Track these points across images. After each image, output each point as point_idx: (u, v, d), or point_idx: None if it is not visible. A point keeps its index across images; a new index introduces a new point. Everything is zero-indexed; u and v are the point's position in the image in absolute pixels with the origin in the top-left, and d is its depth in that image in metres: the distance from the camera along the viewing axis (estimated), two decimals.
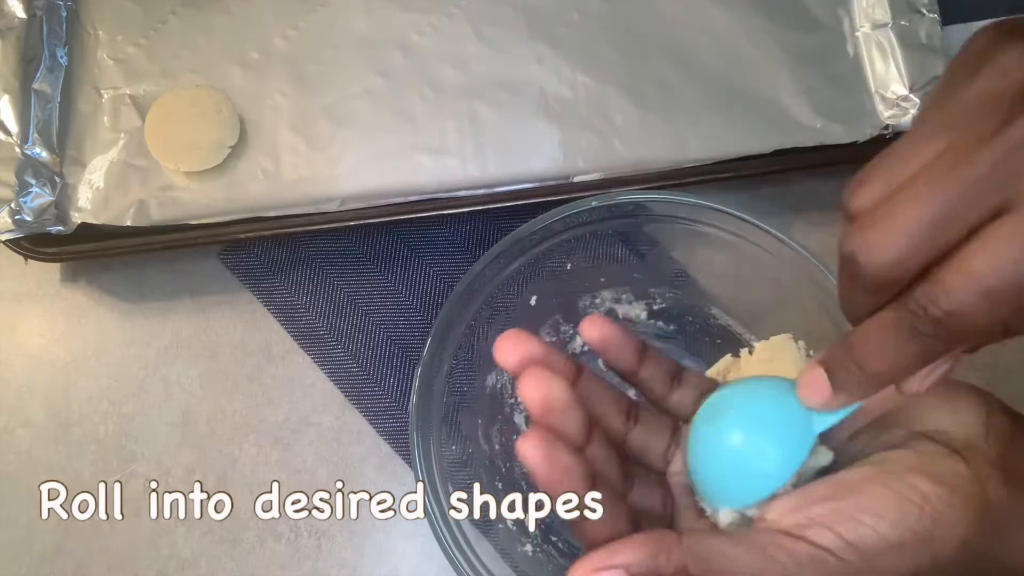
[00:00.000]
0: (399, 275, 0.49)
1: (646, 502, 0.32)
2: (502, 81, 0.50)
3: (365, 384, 0.48)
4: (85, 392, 0.49)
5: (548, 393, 0.28)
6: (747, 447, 0.28)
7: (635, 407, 0.33)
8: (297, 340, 0.49)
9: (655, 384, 0.33)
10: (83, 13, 0.51)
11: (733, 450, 0.28)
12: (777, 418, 0.28)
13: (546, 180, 0.48)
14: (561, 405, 0.28)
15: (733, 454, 0.28)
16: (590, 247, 0.44)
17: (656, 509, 0.32)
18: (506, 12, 0.51)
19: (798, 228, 0.49)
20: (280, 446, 0.48)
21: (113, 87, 0.50)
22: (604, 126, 0.49)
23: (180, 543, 0.46)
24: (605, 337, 0.32)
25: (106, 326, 0.50)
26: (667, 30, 0.50)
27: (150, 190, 0.48)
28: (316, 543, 0.46)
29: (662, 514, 0.32)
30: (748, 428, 0.28)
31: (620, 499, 0.30)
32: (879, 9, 0.49)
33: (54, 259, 0.47)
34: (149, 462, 0.48)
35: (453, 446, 0.42)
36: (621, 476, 0.31)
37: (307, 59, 0.50)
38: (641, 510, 0.31)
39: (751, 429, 0.28)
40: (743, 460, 0.28)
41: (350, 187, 0.48)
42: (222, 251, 0.50)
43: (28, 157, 0.48)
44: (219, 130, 0.48)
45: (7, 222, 0.46)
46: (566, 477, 0.27)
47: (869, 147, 0.48)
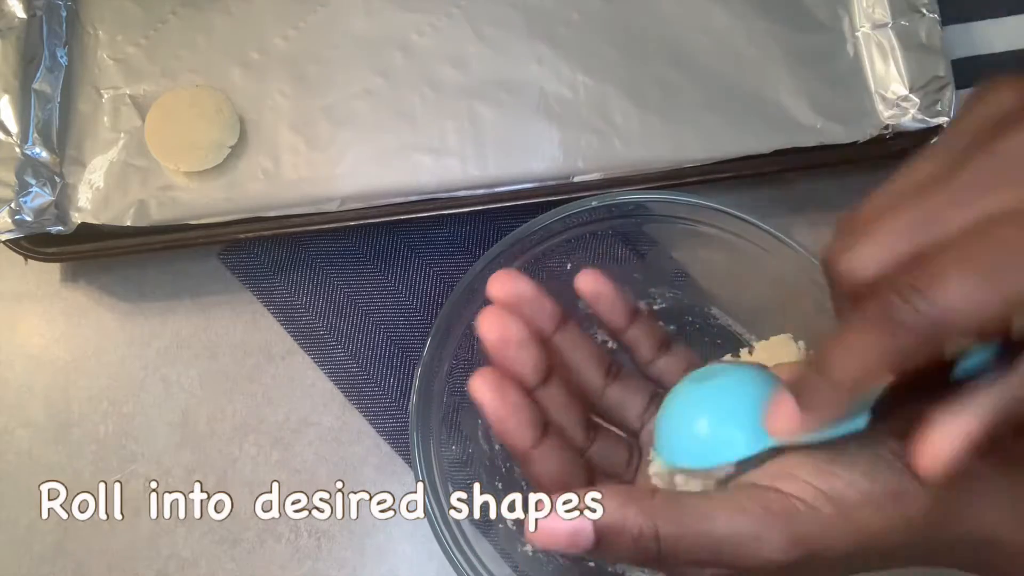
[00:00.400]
0: (399, 275, 0.49)
1: (609, 460, 0.32)
2: (502, 81, 0.50)
3: (365, 384, 0.48)
4: (85, 392, 0.49)
5: (504, 331, 0.28)
6: (719, 411, 0.28)
7: (617, 366, 0.33)
8: (297, 340, 0.49)
9: (642, 347, 0.34)
10: (83, 13, 0.51)
11: (705, 410, 0.28)
12: (752, 399, 0.27)
13: (546, 180, 0.48)
14: (516, 343, 0.29)
15: (705, 413, 0.28)
16: (590, 247, 0.44)
17: (618, 469, 0.32)
18: (506, 12, 0.51)
19: (798, 228, 0.49)
20: (280, 446, 0.48)
21: (113, 87, 0.50)
22: (604, 126, 0.49)
23: (180, 543, 0.46)
24: (598, 292, 0.33)
25: (106, 326, 0.50)
26: (667, 30, 0.50)
27: (150, 190, 0.48)
28: (316, 543, 0.46)
29: (623, 475, 0.32)
30: (726, 394, 0.28)
31: (576, 450, 0.30)
32: (879, 9, 0.50)
33: (54, 259, 0.47)
34: (149, 462, 0.48)
35: (453, 446, 0.42)
36: (583, 428, 0.32)
37: (307, 59, 0.50)
38: (602, 467, 0.31)
39: (728, 396, 0.28)
40: (713, 423, 0.28)
41: (350, 187, 0.48)
42: (222, 251, 0.50)
43: (28, 157, 0.48)
44: (219, 130, 0.48)
45: (7, 222, 0.46)
46: (515, 415, 0.27)
47: (869, 147, 0.48)
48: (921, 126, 0.47)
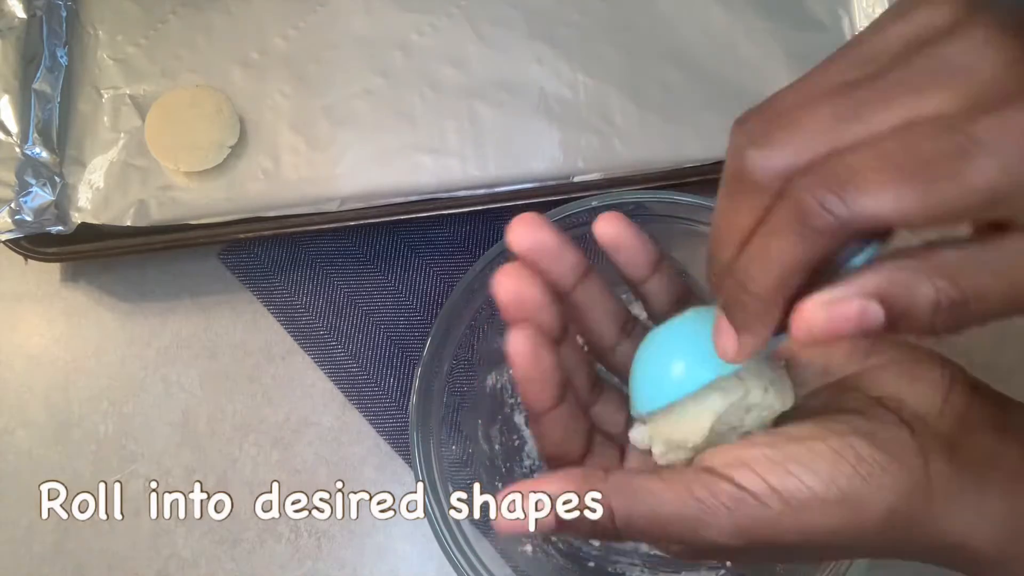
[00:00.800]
0: (399, 275, 0.49)
1: (608, 420, 0.31)
2: (502, 81, 0.50)
3: (365, 384, 0.48)
4: (85, 392, 0.49)
5: (520, 292, 0.27)
6: (664, 348, 0.28)
7: (634, 322, 0.32)
8: (297, 340, 0.49)
9: (658, 299, 0.31)
10: (83, 13, 0.51)
11: (655, 352, 0.28)
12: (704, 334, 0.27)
13: (546, 180, 0.48)
14: (534, 305, 0.27)
15: (654, 356, 0.28)
16: (590, 247, 0.44)
17: (615, 430, 0.31)
18: (506, 12, 0.51)
19: None
20: (280, 446, 0.48)
21: (113, 87, 0.50)
22: (604, 126, 0.49)
23: (180, 543, 0.46)
24: (620, 237, 0.30)
25: (106, 326, 0.50)
26: (667, 30, 0.50)
27: (150, 190, 0.48)
28: (316, 543, 0.46)
29: (619, 437, 0.31)
30: (676, 334, 0.28)
31: (584, 411, 0.29)
32: (879, 9, 0.49)
33: (54, 259, 0.47)
34: (149, 462, 0.48)
35: (453, 446, 0.42)
36: (589, 385, 0.31)
37: (307, 59, 0.50)
38: (600, 426, 0.31)
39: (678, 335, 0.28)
40: (662, 361, 0.28)
41: (350, 187, 0.48)
42: (222, 251, 0.50)
43: (28, 157, 0.48)
44: (219, 130, 0.48)
45: (7, 222, 0.46)
46: (546, 376, 0.26)
47: None
48: None
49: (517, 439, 0.46)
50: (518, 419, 0.46)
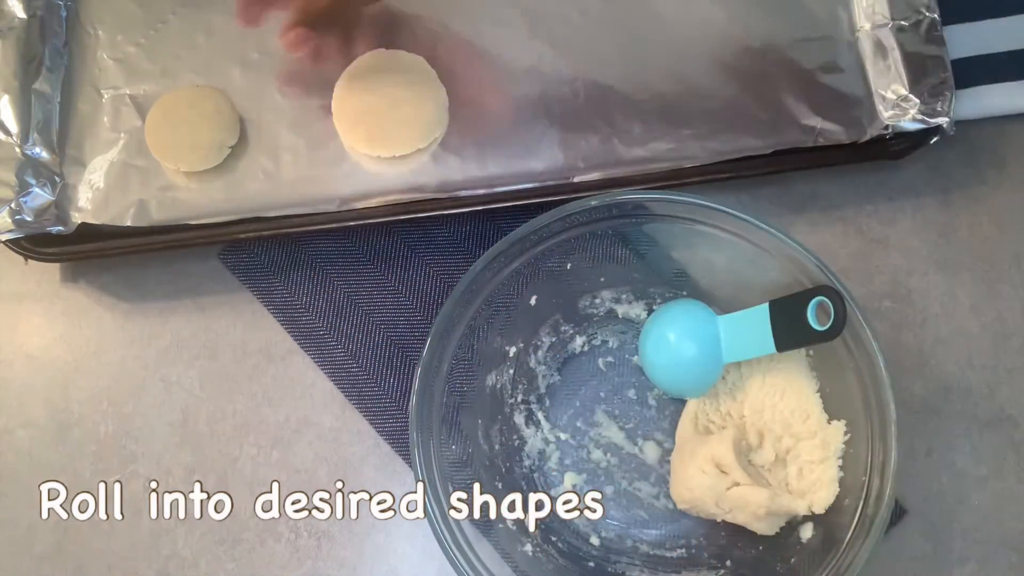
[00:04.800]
0: (399, 275, 0.49)
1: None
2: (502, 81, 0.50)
3: (365, 384, 0.48)
4: (85, 392, 0.49)
5: None
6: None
7: None
8: (297, 340, 0.49)
9: None
10: (83, 13, 0.51)
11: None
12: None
13: (546, 180, 0.48)
14: None
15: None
16: (590, 247, 0.44)
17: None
18: (506, 12, 0.51)
19: (798, 228, 0.49)
20: (280, 446, 0.48)
21: (113, 87, 0.50)
22: (604, 126, 0.49)
23: (180, 543, 0.46)
24: None
25: (106, 326, 0.50)
26: (667, 30, 0.50)
27: (150, 190, 0.48)
28: (316, 543, 0.46)
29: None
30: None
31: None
32: (879, 9, 0.49)
33: (54, 259, 0.47)
34: (149, 462, 0.48)
35: (453, 446, 0.42)
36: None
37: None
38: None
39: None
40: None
41: (350, 187, 0.48)
42: (222, 251, 0.50)
43: (28, 157, 0.48)
44: (219, 130, 0.48)
45: (7, 222, 0.46)
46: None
47: (869, 147, 0.48)
48: (921, 126, 0.47)
49: (517, 439, 0.46)
50: (518, 419, 0.46)
